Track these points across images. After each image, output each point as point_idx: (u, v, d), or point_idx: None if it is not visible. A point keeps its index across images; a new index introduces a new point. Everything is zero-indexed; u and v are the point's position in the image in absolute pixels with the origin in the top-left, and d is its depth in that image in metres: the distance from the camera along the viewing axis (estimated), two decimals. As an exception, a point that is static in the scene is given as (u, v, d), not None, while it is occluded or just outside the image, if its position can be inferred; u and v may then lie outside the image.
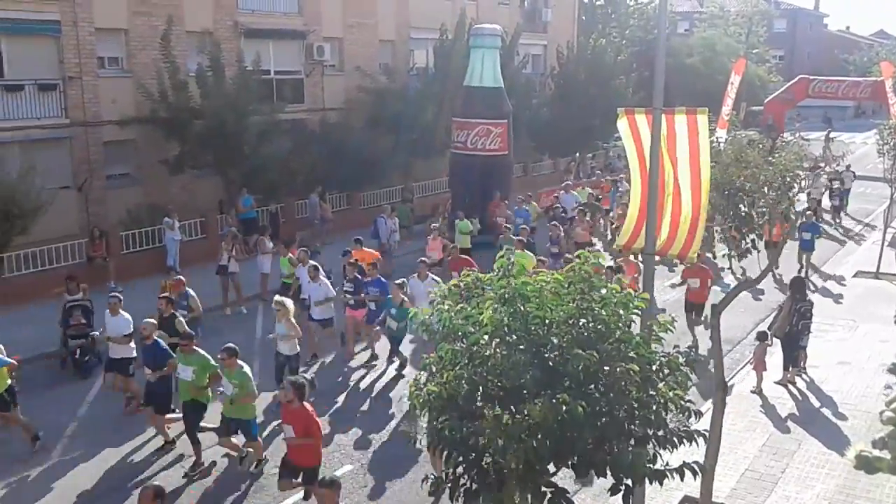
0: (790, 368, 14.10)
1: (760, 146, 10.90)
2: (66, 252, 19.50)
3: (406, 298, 13.96)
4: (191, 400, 11.02)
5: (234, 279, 18.05)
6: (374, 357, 15.22)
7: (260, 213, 23.62)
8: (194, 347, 11.16)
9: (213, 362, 10.90)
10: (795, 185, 10.65)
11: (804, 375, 14.33)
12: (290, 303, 12.79)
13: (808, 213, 20.97)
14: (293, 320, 12.62)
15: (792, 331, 13.86)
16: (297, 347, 12.75)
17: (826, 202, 28.55)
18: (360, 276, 15.35)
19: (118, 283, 18.80)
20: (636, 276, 14.99)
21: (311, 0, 28.11)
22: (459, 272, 10.10)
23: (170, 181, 23.39)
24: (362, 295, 15.05)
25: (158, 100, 22.51)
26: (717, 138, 12.16)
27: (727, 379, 10.37)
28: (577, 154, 35.70)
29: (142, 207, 22.44)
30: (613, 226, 22.85)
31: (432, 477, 6.43)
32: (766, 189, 10.38)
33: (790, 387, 13.93)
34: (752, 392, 13.70)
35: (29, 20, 21.12)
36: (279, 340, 12.78)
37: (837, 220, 28.72)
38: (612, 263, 15.34)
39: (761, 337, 14.07)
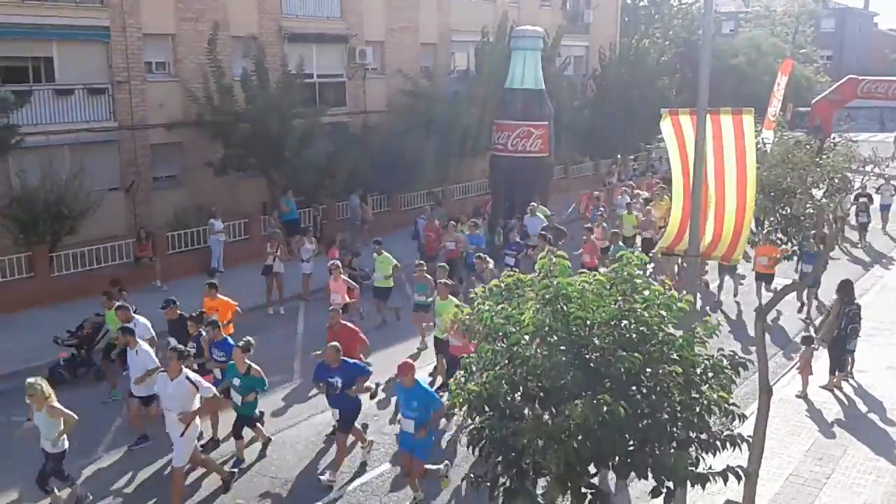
0: (837, 373, 13.83)
1: (808, 147, 10.76)
2: (113, 252, 19.92)
3: (253, 365, 11.00)
4: None
5: (278, 279, 18.28)
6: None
7: (302, 215, 23.87)
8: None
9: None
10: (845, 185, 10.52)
11: (851, 380, 14.04)
12: (46, 386, 9.72)
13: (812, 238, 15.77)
14: (57, 405, 9.69)
15: (840, 335, 13.59)
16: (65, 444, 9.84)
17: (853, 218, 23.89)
18: (203, 334, 12.19)
19: (164, 282, 19.19)
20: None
21: (353, 4, 28.35)
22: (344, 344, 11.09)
23: (214, 183, 23.75)
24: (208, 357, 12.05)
25: (204, 103, 22.89)
26: (763, 139, 12.03)
27: (772, 383, 10.20)
28: (619, 156, 35.43)
29: (187, 209, 22.82)
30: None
31: (472, 475, 6.44)
32: (813, 191, 10.26)
33: (836, 392, 13.66)
34: (798, 396, 13.46)
35: (79, 26, 21.62)
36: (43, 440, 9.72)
37: (863, 241, 23.39)
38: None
39: (807, 341, 13.82)
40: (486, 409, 6.35)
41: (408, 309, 16.53)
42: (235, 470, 11.02)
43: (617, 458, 5.97)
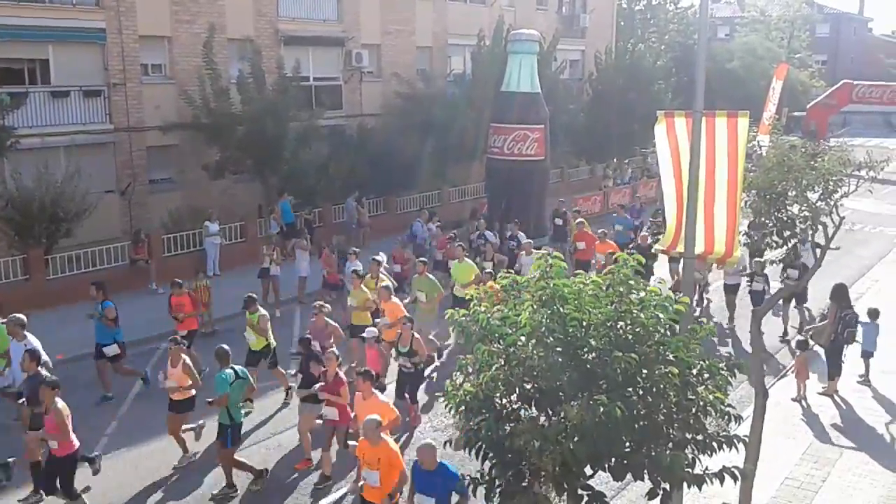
0: (836, 379, 13.83)
1: (803, 150, 10.76)
2: (108, 254, 19.87)
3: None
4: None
5: (274, 283, 18.27)
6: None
7: (297, 218, 23.87)
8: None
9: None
10: (839, 189, 10.52)
11: (868, 386, 14.05)
12: None
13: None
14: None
15: (838, 339, 13.59)
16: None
17: None
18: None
19: (159, 285, 19.15)
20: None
21: (349, 8, 28.38)
22: None
23: (210, 186, 23.73)
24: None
25: (200, 106, 22.86)
26: (758, 143, 12.03)
27: (768, 386, 10.22)
28: (615, 160, 35.49)
29: (183, 211, 22.80)
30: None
31: (468, 478, 6.44)
32: (808, 193, 10.27)
33: (834, 396, 13.69)
34: (793, 400, 13.48)
35: (75, 28, 21.61)
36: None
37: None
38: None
39: (802, 345, 13.85)
40: (483, 410, 6.35)
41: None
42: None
43: (613, 460, 5.97)
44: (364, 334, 12.69)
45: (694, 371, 6.15)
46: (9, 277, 18.16)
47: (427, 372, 13.48)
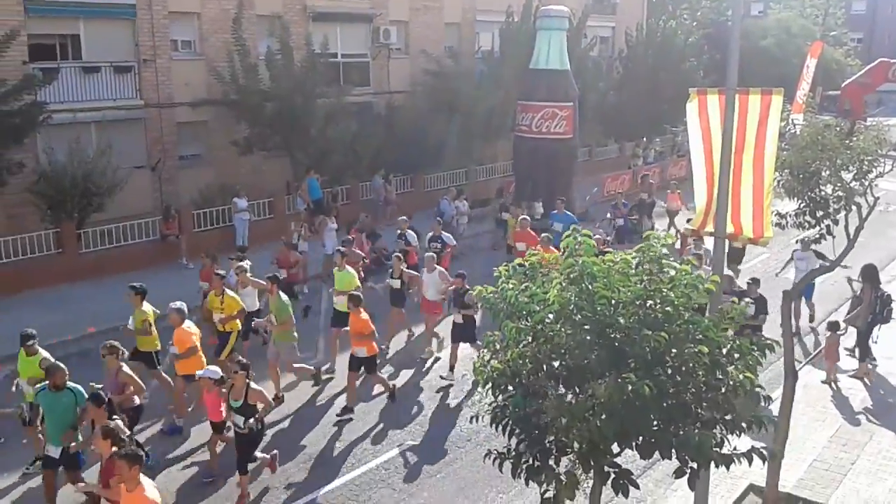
0: (866, 361, 13.67)
1: (838, 129, 10.57)
2: (140, 229, 20.11)
3: None
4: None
5: (303, 257, 18.39)
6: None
7: (325, 195, 23.95)
8: None
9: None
10: (874, 169, 10.33)
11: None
12: None
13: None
14: None
15: (875, 319, 13.40)
16: None
17: None
18: None
19: (189, 260, 19.35)
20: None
21: (378, -17, 28.26)
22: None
23: (239, 162, 23.88)
24: None
25: (229, 82, 22.97)
26: (792, 121, 11.83)
27: (798, 368, 10.12)
28: (644, 139, 35.14)
29: (212, 187, 22.97)
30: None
31: (495, 452, 6.46)
32: (842, 173, 10.10)
33: (864, 379, 13.54)
34: (823, 382, 13.36)
35: (106, 4, 21.77)
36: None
37: None
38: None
39: (833, 327, 13.68)
40: (510, 387, 6.37)
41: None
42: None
43: (641, 438, 5.96)
44: (200, 373, 10.36)
45: (724, 350, 6.11)
46: (42, 251, 18.45)
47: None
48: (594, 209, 25.82)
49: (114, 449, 7.63)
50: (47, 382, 9.28)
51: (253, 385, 9.57)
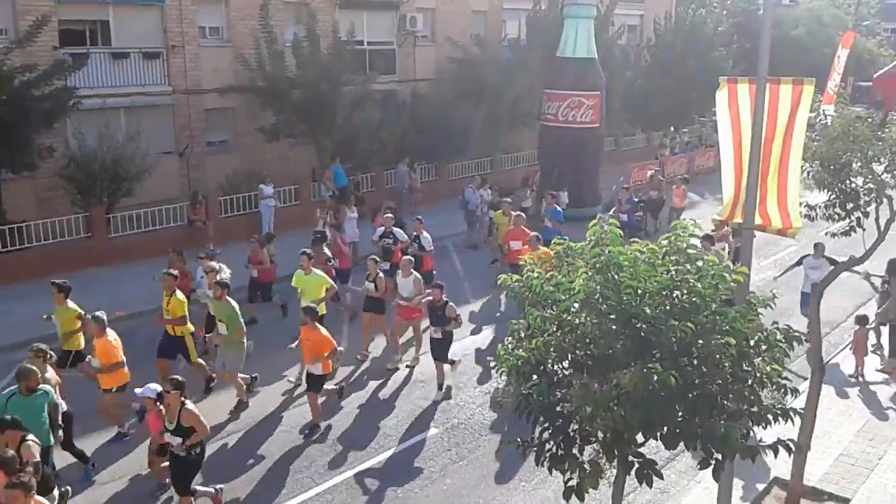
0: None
1: (870, 120, 10.41)
2: (167, 214, 20.31)
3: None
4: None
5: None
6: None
7: (350, 182, 24.03)
8: None
9: None
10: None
11: None
12: None
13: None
14: None
15: None
16: None
17: None
18: None
19: (217, 245, 19.49)
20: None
21: (405, -30, 28.19)
22: None
23: (265, 149, 24.01)
24: None
25: (256, 69, 23.07)
26: (822, 112, 11.66)
27: (825, 361, 10.03)
28: (672, 128, 34.83)
29: (239, 173, 23.13)
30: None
31: (519, 441, 6.48)
32: (873, 165, 9.95)
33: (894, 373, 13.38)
34: (850, 377, 13.22)
35: (135, -10, 21.94)
36: None
37: None
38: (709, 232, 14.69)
39: (862, 321, 13.52)
40: (534, 375, 6.37)
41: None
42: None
43: (666, 428, 5.94)
44: (138, 392, 9.57)
45: (751, 342, 6.06)
46: (72, 235, 18.71)
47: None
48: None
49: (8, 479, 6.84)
50: (16, 387, 8.95)
51: (188, 406, 8.78)
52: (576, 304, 6.22)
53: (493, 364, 12.44)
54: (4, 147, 17.36)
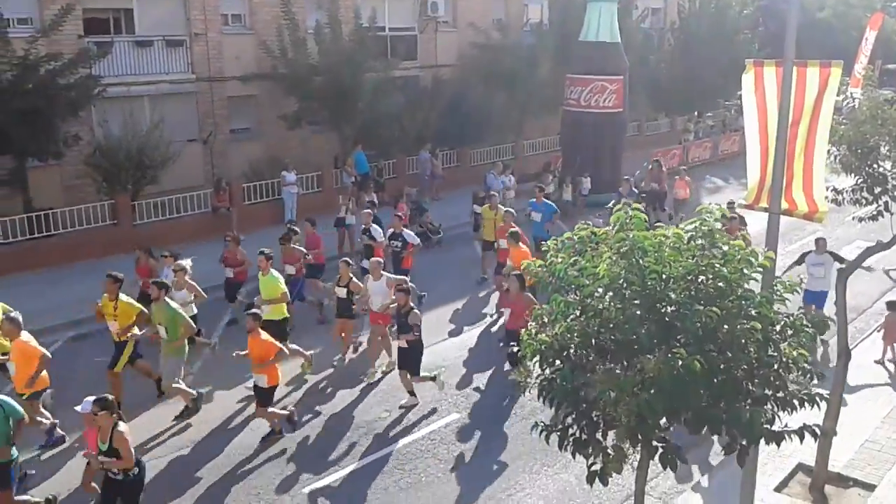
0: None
1: (899, 103, 10.30)
2: (192, 202, 20.47)
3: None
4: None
5: (350, 232, 18.56)
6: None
7: (372, 169, 24.09)
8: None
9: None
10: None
11: None
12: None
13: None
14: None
15: None
16: None
17: None
18: None
19: (241, 232, 19.62)
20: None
21: (426, -45, 28.06)
22: None
23: (288, 136, 24.10)
24: None
25: (278, 56, 23.13)
26: (850, 95, 11.52)
27: (851, 347, 9.94)
28: (696, 113, 34.51)
29: (262, 161, 23.25)
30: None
31: (542, 425, 6.49)
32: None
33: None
34: (876, 363, 13.10)
35: (158, -22, 22.03)
36: None
37: None
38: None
39: (892, 305, 13.36)
40: (557, 360, 6.37)
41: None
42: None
43: (690, 413, 5.93)
44: (77, 409, 8.42)
45: (777, 327, 6.03)
46: (98, 222, 18.92)
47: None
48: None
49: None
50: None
51: (120, 428, 8.05)
52: (600, 289, 6.21)
53: (515, 348, 12.47)
54: (31, 135, 17.56)
